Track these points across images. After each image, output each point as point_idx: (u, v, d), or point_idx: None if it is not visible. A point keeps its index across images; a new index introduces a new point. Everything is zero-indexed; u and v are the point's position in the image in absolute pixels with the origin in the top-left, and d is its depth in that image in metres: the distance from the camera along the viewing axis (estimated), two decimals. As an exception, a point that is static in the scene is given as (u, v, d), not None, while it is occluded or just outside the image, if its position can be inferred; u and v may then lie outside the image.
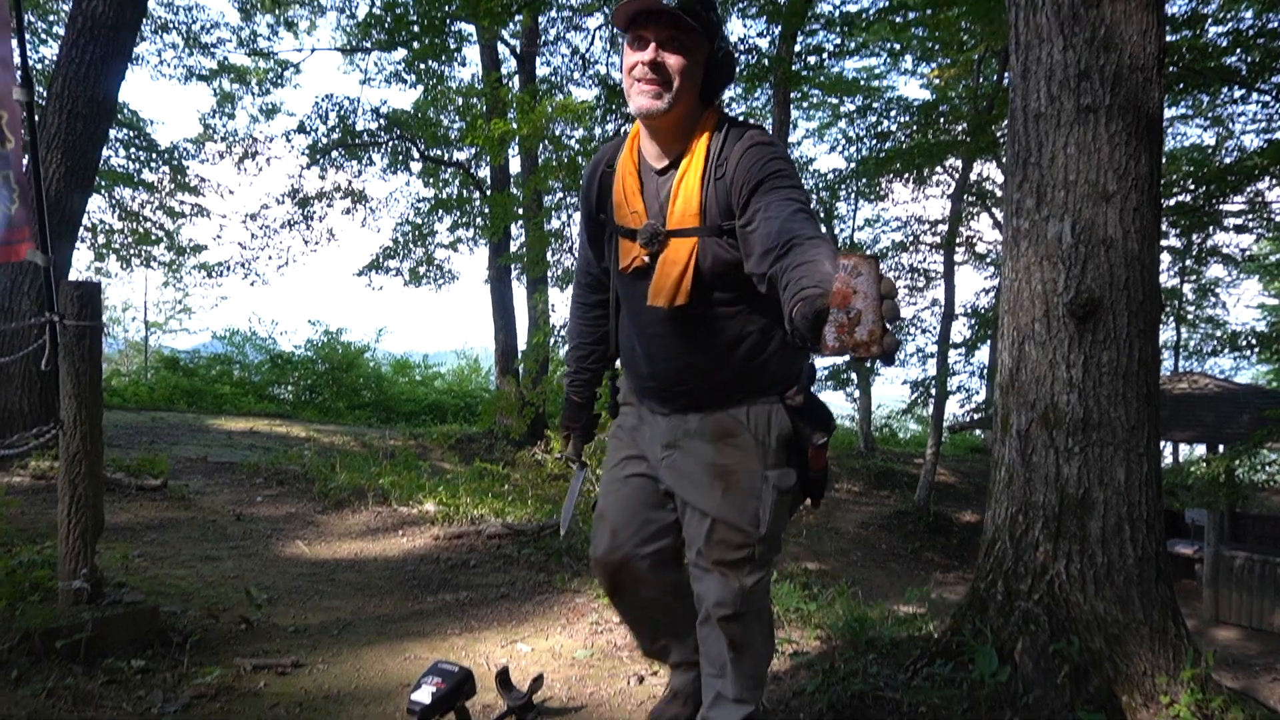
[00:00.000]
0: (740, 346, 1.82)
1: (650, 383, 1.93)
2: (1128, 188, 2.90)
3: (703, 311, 1.78)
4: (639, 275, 1.83)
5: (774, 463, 1.84)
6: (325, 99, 15.33)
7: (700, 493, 1.85)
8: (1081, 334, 2.90)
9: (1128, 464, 2.88)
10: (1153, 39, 2.95)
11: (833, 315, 1.14)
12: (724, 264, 1.72)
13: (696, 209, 1.72)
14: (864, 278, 1.12)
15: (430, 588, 3.90)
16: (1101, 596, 2.83)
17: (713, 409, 1.86)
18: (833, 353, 1.15)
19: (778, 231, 1.49)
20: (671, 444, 1.89)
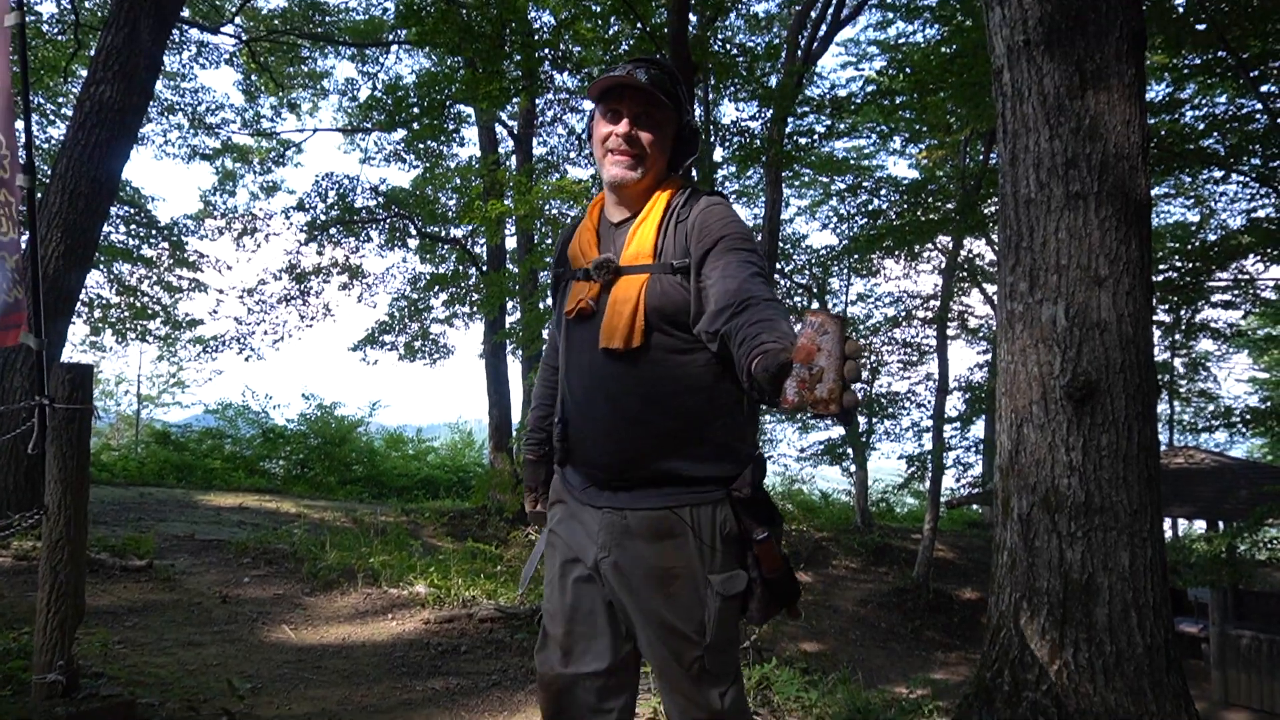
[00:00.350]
0: (688, 399, 1.69)
1: (588, 451, 1.76)
2: (1119, 272, 2.94)
3: (651, 359, 1.68)
4: (583, 320, 1.76)
5: (719, 566, 1.68)
6: (325, 177, 15.58)
7: (642, 599, 1.69)
8: (1080, 417, 2.89)
9: (1132, 548, 2.84)
10: (1136, 128, 3.02)
11: (795, 370, 1.15)
12: (674, 303, 1.67)
13: (650, 247, 1.71)
14: (830, 336, 1.14)
15: (420, 675, 3.78)
16: (1112, 687, 2.75)
17: (652, 500, 1.68)
18: (791, 407, 1.15)
19: (735, 291, 1.52)
20: (608, 545, 1.71)
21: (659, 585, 1.67)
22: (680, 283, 1.67)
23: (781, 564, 1.69)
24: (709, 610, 1.67)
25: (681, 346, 1.68)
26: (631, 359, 1.67)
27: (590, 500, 1.76)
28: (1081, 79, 3.07)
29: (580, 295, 1.75)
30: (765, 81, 12.79)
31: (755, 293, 1.50)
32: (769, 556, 1.67)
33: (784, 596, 1.71)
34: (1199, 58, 10.86)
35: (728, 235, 1.65)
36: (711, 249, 1.64)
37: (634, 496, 1.70)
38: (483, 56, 9.31)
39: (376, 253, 19.42)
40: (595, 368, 1.72)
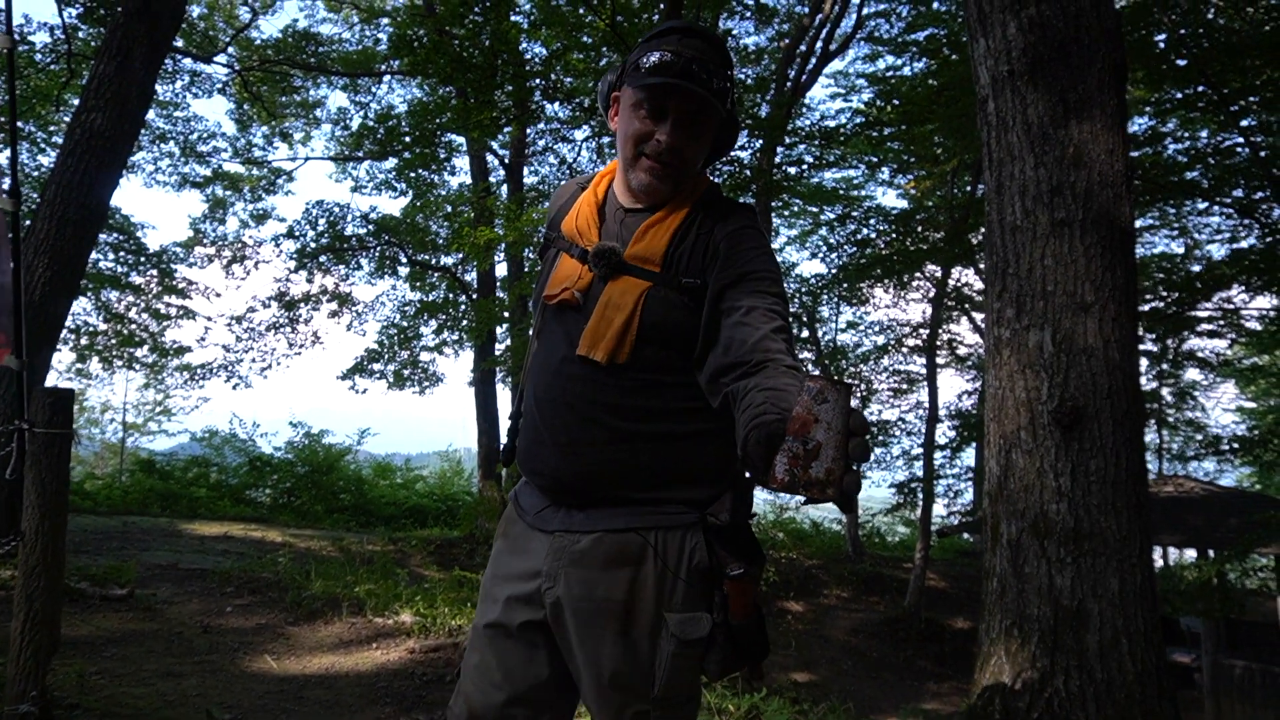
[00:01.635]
0: (672, 424, 1.46)
1: (542, 458, 1.51)
2: (1105, 298, 2.95)
3: (635, 376, 1.45)
4: (566, 311, 1.50)
5: (680, 604, 1.42)
6: (316, 205, 15.61)
7: (586, 637, 1.44)
8: (1068, 442, 2.89)
9: (1121, 574, 2.83)
10: (1119, 157, 3.06)
11: (787, 444, 1.00)
12: (675, 324, 1.44)
13: (661, 253, 1.46)
14: (829, 406, 0.99)
15: (404, 705, 3.71)
16: (1103, 715, 2.73)
17: (612, 520, 1.46)
18: (781, 487, 1.00)
19: (752, 346, 1.32)
20: (554, 573, 1.46)
21: (608, 622, 1.43)
22: (686, 303, 1.44)
23: (754, 610, 1.44)
24: (661, 656, 1.41)
25: (674, 366, 1.46)
26: (612, 371, 1.44)
27: (541, 525, 1.52)
28: (1065, 108, 3.11)
29: (568, 281, 1.51)
30: (755, 112, 12.94)
31: (774, 353, 1.30)
32: (741, 598, 1.42)
33: (749, 651, 1.44)
34: (1180, 92, 11.06)
35: (755, 273, 1.43)
36: (733, 284, 1.42)
37: (590, 517, 1.47)
38: (474, 86, 9.38)
39: (366, 280, 19.46)
40: (566, 369, 1.48)
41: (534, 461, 1.54)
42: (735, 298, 1.40)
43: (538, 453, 1.52)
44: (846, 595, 15.30)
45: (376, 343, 17.04)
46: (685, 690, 1.45)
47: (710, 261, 1.45)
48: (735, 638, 1.43)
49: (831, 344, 19.12)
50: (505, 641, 1.52)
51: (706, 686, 3.67)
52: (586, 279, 1.49)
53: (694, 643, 1.41)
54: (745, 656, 1.44)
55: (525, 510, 1.58)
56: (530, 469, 1.56)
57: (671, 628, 1.41)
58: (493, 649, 1.52)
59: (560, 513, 1.51)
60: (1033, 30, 3.14)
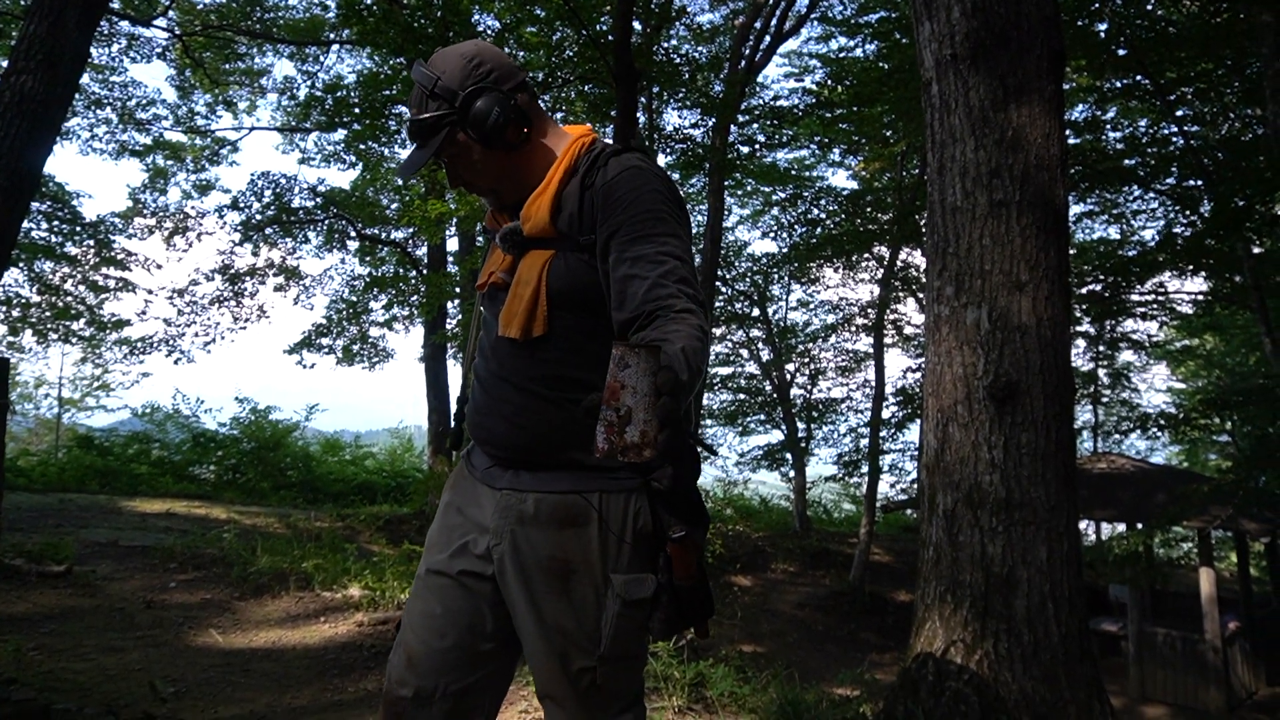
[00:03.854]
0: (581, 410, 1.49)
1: (490, 430, 1.55)
2: (1039, 277, 3.06)
3: (559, 345, 1.47)
4: (496, 294, 1.56)
5: (625, 565, 1.46)
6: (261, 176, 15.24)
7: (532, 595, 1.47)
8: (1001, 416, 3.01)
9: (1049, 543, 2.96)
10: (1055, 141, 3.16)
11: (603, 414, 1.01)
12: (582, 285, 1.45)
13: (547, 219, 1.47)
14: (632, 370, 1.00)
15: (352, 676, 3.73)
16: (1029, 675, 2.86)
17: (558, 484, 1.49)
18: (604, 455, 1.01)
19: (643, 297, 1.33)
20: (501, 531, 1.50)
21: (554, 580, 1.46)
22: (589, 261, 1.46)
23: (696, 572, 1.46)
24: (607, 615, 1.45)
25: (594, 327, 1.47)
26: (535, 345, 1.47)
27: (490, 481, 1.56)
28: (1005, 93, 3.20)
29: (493, 266, 1.58)
30: (709, 90, 12.96)
31: (664, 300, 1.31)
32: (683, 559, 1.44)
33: (694, 611, 1.47)
34: (1120, 81, 11.36)
35: (637, 216, 1.40)
36: (617, 233, 1.41)
37: (538, 479, 1.51)
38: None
39: (314, 254, 19.06)
40: (499, 351, 1.53)
41: (482, 431, 1.58)
42: (621, 247, 1.40)
43: (485, 422, 1.56)
44: (793, 569, 15.60)
45: (325, 317, 16.76)
46: (631, 649, 1.49)
47: (600, 210, 1.45)
48: (679, 598, 1.46)
49: (782, 322, 19.33)
50: (451, 590, 1.54)
51: (653, 653, 3.75)
52: (508, 261, 1.55)
53: (638, 603, 1.45)
54: (690, 616, 1.48)
55: (475, 467, 1.62)
56: (479, 438, 1.60)
57: (616, 588, 1.45)
58: (437, 596, 1.55)
59: (508, 472, 1.55)
60: (975, 15, 3.22)
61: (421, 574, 1.60)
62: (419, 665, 1.52)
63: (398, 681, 1.53)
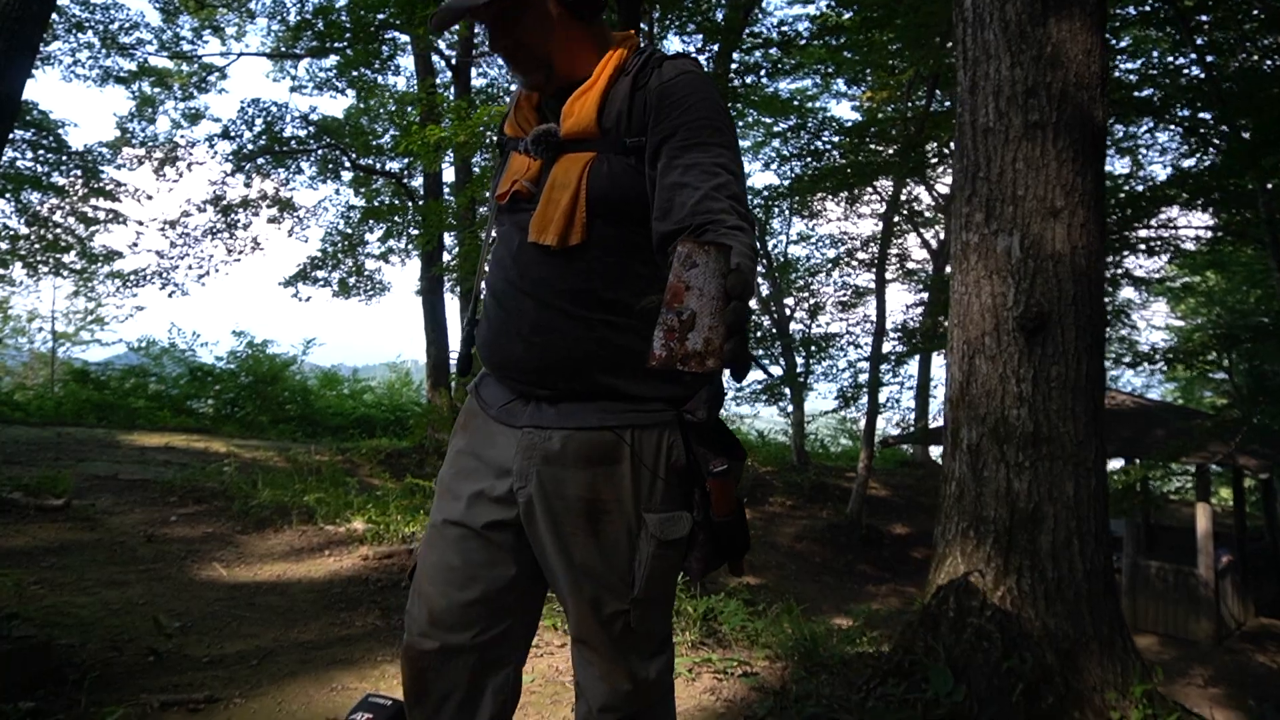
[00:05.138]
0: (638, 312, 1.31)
1: (507, 350, 1.43)
2: (1075, 203, 2.92)
3: (593, 257, 1.35)
4: (518, 205, 1.42)
5: (659, 504, 1.37)
6: (252, 104, 14.81)
7: (562, 539, 1.38)
8: (1031, 348, 2.89)
9: (1076, 478, 2.88)
10: (1096, 58, 2.98)
11: (663, 317, 0.92)
12: (625, 192, 1.33)
13: (593, 118, 1.35)
14: (700, 270, 0.91)
15: (359, 610, 3.69)
16: (1053, 612, 2.81)
17: (585, 418, 1.38)
18: (661, 364, 0.92)
19: (692, 208, 1.22)
20: (526, 472, 1.39)
21: (584, 521, 1.37)
22: (634, 166, 1.34)
23: (735, 507, 1.38)
24: (641, 556, 1.37)
25: (635, 242, 1.35)
26: (569, 256, 1.35)
27: (509, 419, 1.43)
28: (1044, 5, 3.00)
29: (516, 174, 1.43)
30: (711, 15, 12.51)
31: (715, 214, 1.19)
32: (723, 496, 1.36)
33: (731, 548, 1.41)
34: (1136, 8, 10.97)
35: (694, 122, 1.30)
36: (670, 138, 1.30)
37: (562, 413, 1.39)
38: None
39: (308, 185, 18.70)
40: (522, 262, 1.39)
41: (498, 354, 1.46)
42: (673, 153, 1.29)
43: (501, 345, 1.44)
44: (792, 503, 15.74)
45: (320, 250, 16.52)
46: (663, 590, 1.42)
47: (651, 114, 1.34)
48: (716, 535, 1.39)
49: (782, 256, 19.13)
50: (470, 541, 1.44)
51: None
52: (535, 168, 1.41)
53: (674, 543, 1.37)
54: (726, 553, 1.41)
55: (488, 403, 1.49)
56: (494, 362, 1.47)
57: (651, 528, 1.36)
58: (455, 548, 1.44)
59: (529, 407, 1.43)
60: (1016, -81, 2.99)
61: (436, 523, 1.49)
62: (441, 619, 1.43)
63: (420, 634, 1.44)
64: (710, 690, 2.90)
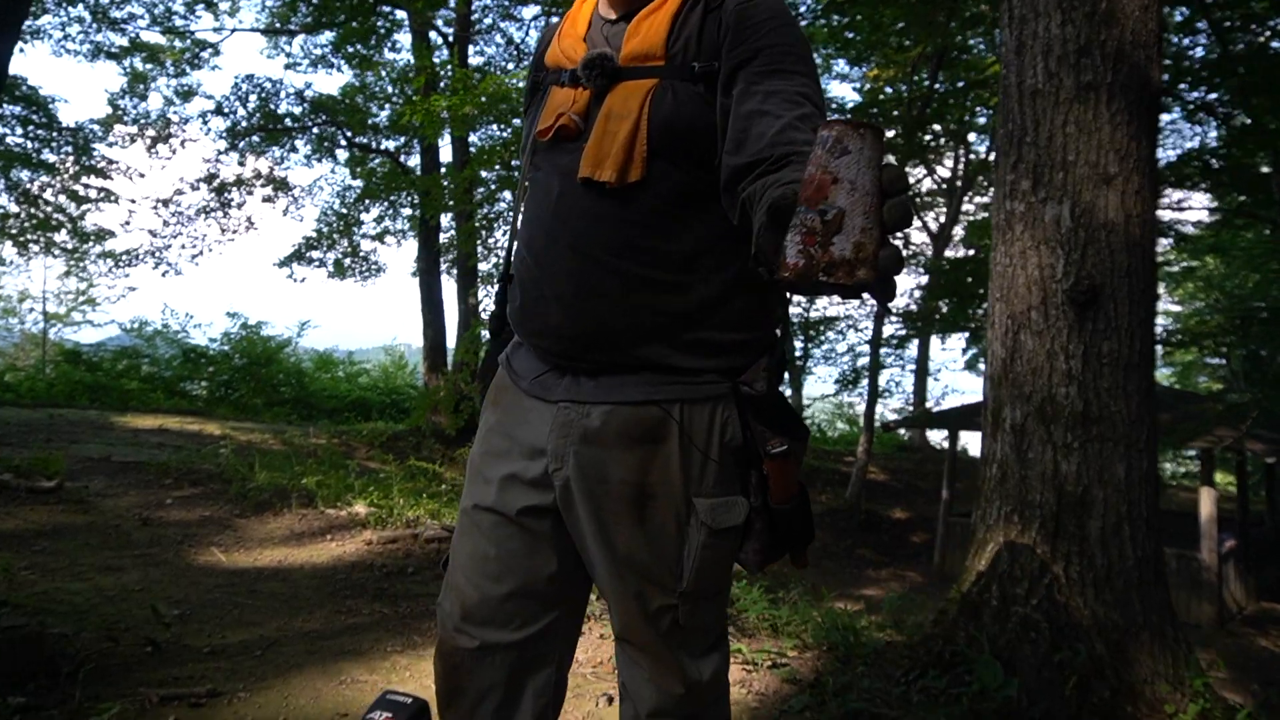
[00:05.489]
0: (701, 264, 1.20)
1: (543, 315, 1.24)
2: (1129, 169, 2.76)
3: (651, 202, 1.18)
4: (562, 142, 1.24)
5: (711, 488, 1.20)
6: (245, 80, 14.55)
7: (604, 526, 1.21)
8: (1082, 322, 2.74)
9: (1128, 460, 2.73)
10: (1154, 15, 2.81)
11: (800, 216, 0.72)
12: (692, 123, 1.17)
13: (662, 41, 1.19)
14: (851, 158, 0.72)
15: (365, 598, 3.53)
16: (1101, 600, 2.67)
17: (629, 391, 1.21)
18: (796, 275, 0.72)
19: (773, 139, 1.07)
20: (562, 452, 1.22)
21: (628, 507, 1.20)
22: (703, 95, 1.17)
23: (797, 492, 1.22)
24: (690, 546, 1.21)
25: (696, 191, 1.18)
26: (623, 199, 1.17)
27: (542, 393, 1.26)
28: (1095, -41, 2.82)
29: (561, 107, 1.24)
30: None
31: (801, 146, 1.03)
32: (783, 479, 1.20)
33: (792, 537, 1.24)
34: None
35: (773, 47, 1.16)
36: (748, 62, 1.15)
37: (603, 386, 1.22)
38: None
39: (302, 163, 18.43)
40: (567, 206, 1.21)
41: (533, 320, 1.27)
42: (752, 79, 1.14)
43: (537, 309, 1.26)
44: (792, 488, 15.61)
45: (315, 230, 16.28)
46: (716, 583, 1.25)
47: (724, 38, 1.18)
48: (775, 523, 1.23)
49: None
50: (504, 528, 1.27)
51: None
52: (583, 100, 1.23)
53: (727, 531, 1.21)
54: (786, 543, 1.25)
55: (520, 375, 1.31)
56: (528, 329, 1.29)
57: (701, 515, 1.20)
58: (489, 537, 1.28)
59: (565, 379, 1.26)
60: None
61: (467, 508, 1.32)
62: (475, 613, 1.28)
63: (454, 630, 1.29)
64: (741, 683, 2.75)
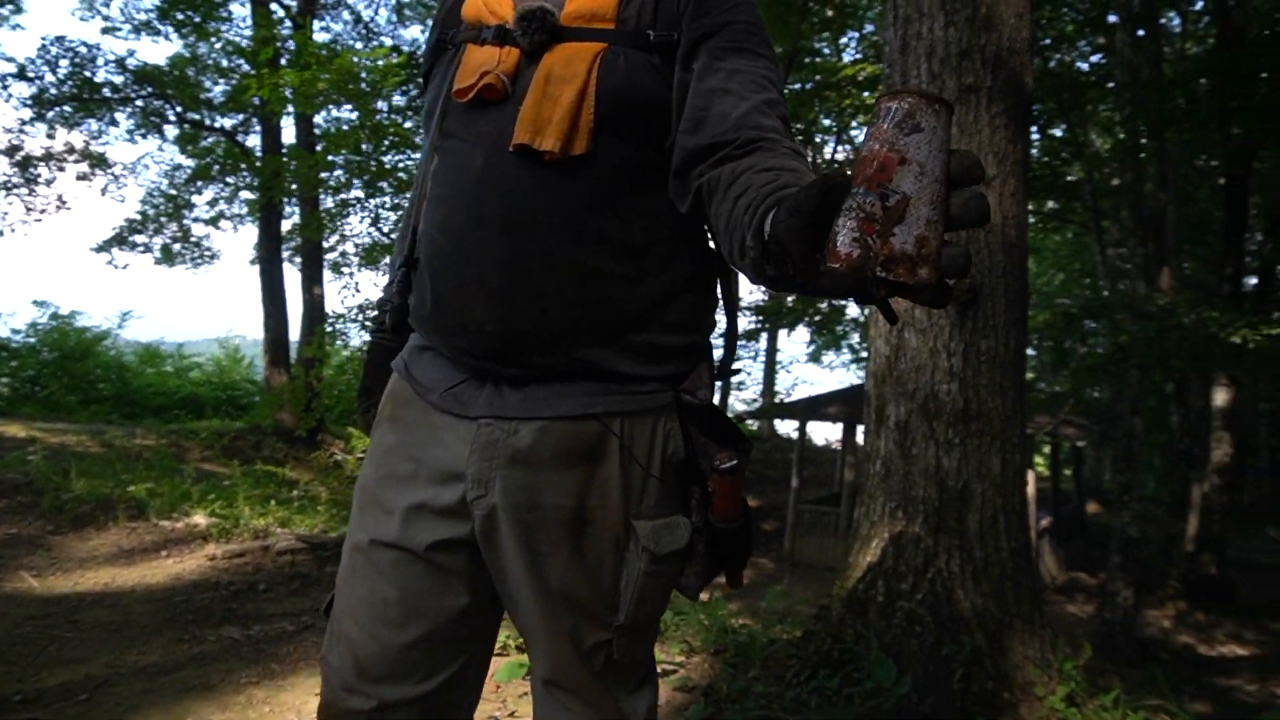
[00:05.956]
0: (650, 252, 1.07)
1: (461, 309, 1.06)
2: (1006, 172, 2.84)
3: (595, 179, 1.03)
4: (485, 107, 1.06)
5: (652, 508, 1.08)
6: (55, 42, 13.06)
7: (533, 560, 1.06)
8: (962, 321, 2.80)
9: (1003, 455, 2.82)
10: (1027, 23, 2.90)
11: (857, 199, 0.61)
12: (644, 93, 1.04)
13: (614, 2, 1.06)
14: (924, 137, 0.61)
15: (211, 622, 3.18)
16: (980, 591, 2.74)
17: (564, 403, 1.06)
18: (850, 268, 0.60)
19: (739, 120, 0.98)
20: (485, 477, 1.05)
21: (567, 537, 1.06)
22: (659, 67, 1.05)
23: (742, 509, 1.12)
24: (629, 574, 1.08)
25: (645, 170, 1.06)
26: (566, 172, 1.01)
27: (458, 408, 1.08)
28: (973, -35, 2.89)
29: (485, 65, 1.05)
30: None
31: (769, 132, 0.97)
32: (730, 496, 1.10)
33: (731, 558, 1.14)
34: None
35: (737, 23, 1.06)
36: (711, 36, 1.05)
37: (532, 398, 1.06)
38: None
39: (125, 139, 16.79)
40: (497, 178, 1.02)
41: (448, 316, 1.08)
42: (715, 55, 1.04)
43: (455, 302, 1.06)
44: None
45: (139, 212, 14.91)
46: (655, 613, 1.13)
47: (684, 7, 1.06)
48: (717, 543, 1.12)
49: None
50: (409, 566, 1.09)
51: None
52: (512, 59, 1.06)
53: (670, 556, 1.08)
54: (724, 563, 1.14)
55: (427, 387, 1.12)
56: (442, 327, 1.10)
57: (643, 539, 1.06)
58: (389, 577, 1.09)
59: (485, 390, 1.08)
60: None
61: (360, 545, 1.12)
62: (373, 668, 1.09)
63: (345, 690, 1.10)
64: (631, 693, 2.65)
